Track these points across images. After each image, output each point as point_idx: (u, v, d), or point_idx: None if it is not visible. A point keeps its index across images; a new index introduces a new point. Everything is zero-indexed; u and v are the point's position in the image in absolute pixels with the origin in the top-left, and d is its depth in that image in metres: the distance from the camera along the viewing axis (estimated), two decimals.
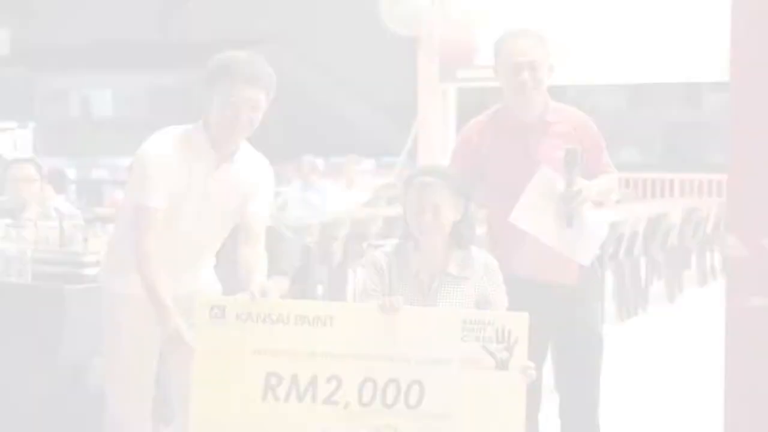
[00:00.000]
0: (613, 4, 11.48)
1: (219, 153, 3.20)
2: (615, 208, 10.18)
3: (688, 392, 5.71)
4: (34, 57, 34.61)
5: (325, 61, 36.01)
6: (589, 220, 3.52)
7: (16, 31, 16.64)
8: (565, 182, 3.44)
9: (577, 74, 11.94)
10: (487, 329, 3.00)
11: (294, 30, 35.82)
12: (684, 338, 7.30)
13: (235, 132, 3.14)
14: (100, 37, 36.44)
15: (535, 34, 3.58)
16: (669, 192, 12.99)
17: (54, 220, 4.53)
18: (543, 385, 3.75)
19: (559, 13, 11.67)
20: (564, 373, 3.75)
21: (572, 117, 3.65)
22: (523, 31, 3.60)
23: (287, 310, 3.01)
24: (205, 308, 3.00)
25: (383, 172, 16.24)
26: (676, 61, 11.25)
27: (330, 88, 36.57)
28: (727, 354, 3.43)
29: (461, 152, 3.67)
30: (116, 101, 36.32)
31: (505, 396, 2.99)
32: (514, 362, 3.00)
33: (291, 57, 35.70)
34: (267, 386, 2.98)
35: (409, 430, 2.96)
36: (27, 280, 4.26)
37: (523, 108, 3.57)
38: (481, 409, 2.98)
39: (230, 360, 2.98)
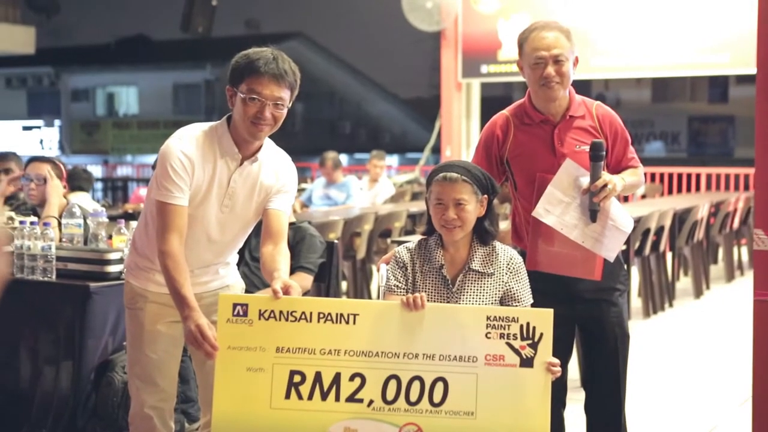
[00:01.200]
0: None
1: (243, 151, 3.19)
2: (641, 203, 10.13)
3: (715, 388, 5.66)
4: (60, 56, 34.89)
5: (349, 57, 36.02)
6: (614, 214, 3.48)
7: (42, 30, 16.70)
8: (590, 176, 3.41)
9: (602, 67, 11.87)
10: (511, 326, 2.98)
11: (318, 26, 35.84)
12: (711, 334, 7.25)
13: (260, 130, 3.13)
14: (125, 35, 36.65)
15: (559, 27, 3.53)
16: (696, 186, 12.90)
17: (78, 218, 4.54)
18: (569, 380, 3.74)
19: (583, 7, 11.61)
20: (590, 369, 3.73)
21: (597, 111, 3.61)
22: (547, 24, 3.54)
23: (310, 307, 3.00)
24: (227, 306, 3.00)
25: (407, 168, 16.22)
26: (702, 53, 11.15)
27: (354, 84, 36.58)
28: (754, 350, 3.39)
29: (485, 147, 3.64)
30: (141, 99, 36.50)
31: (530, 393, 2.97)
32: (539, 359, 2.97)
33: (315, 53, 35.74)
34: (290, 384, 2.97)
35: (433, 428, 2.95)
36: (51, 278, 4.28)
37: (548, 102, 3.54)
38: (505, 406, 2.97)
39: (253, 358, 2.98)
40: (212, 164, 3.16)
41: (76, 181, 6.96)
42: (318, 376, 2.97)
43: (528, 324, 2.99)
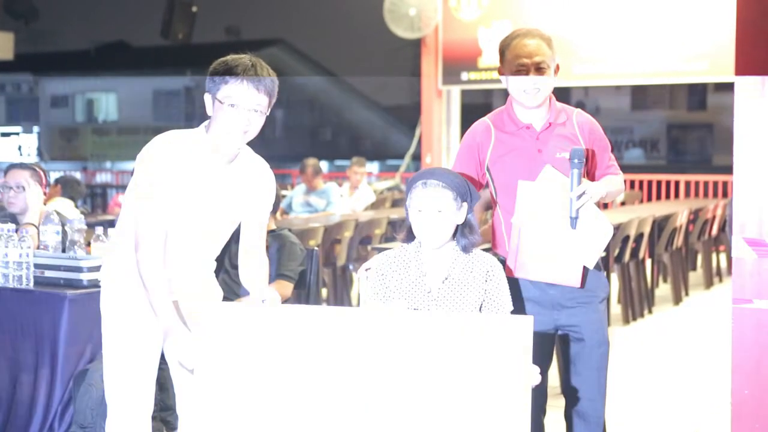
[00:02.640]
0: (619, 5, 11.47)
1: (221, 157, 3.18)
2: (620, 210, 10.17)
3: (694, 393, 5.68)
4: (39, 62, 34.73)
5: (329, 64, 36.02)
6: (594, 221, 3.49)
7: (21, 36, 16.62)
8: (570, 183, 3.42)
9: (583, 75, 11.92)
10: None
11: (298, 33, 35.83)
12: (690, 340, 7.28)
13: (239, 136, 3.11)
14: (105, 41, 36.51)
15: (541, 35, 3.53)
16: (675, 193, 12.97)
17: (56, 224, 4.51)
18: (549, 387, 3.74)
19: (564, 14, 11.67)
20: (570, 376, 3.73)
21: (577, 119, 3.62)
22: (529, 32, 3.54)
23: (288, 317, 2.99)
24: (205, 316, 2.98)
25: (387, 175, 16.23)
26: (681, 61, 11.22)
27: (334, 91, 36.58)
28: (733, 355, 3.40)
29: (465, 154, 3.63)
30: (121, 105, 36.37)
31: (510, 402, 2.96)
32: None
33: (295, 60, 35.74)
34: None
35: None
36: (29, 285, 4.25)
37: (529, 110, 3.55)
38: (486, 414, 2.96)
39: (234, 369, 2.96)
40: (190, 170, 3.14)
41: (66, 188, 6.93)
42: None
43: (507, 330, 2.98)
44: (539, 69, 3.48)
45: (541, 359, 3.30)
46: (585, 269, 3.55)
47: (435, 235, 3.16)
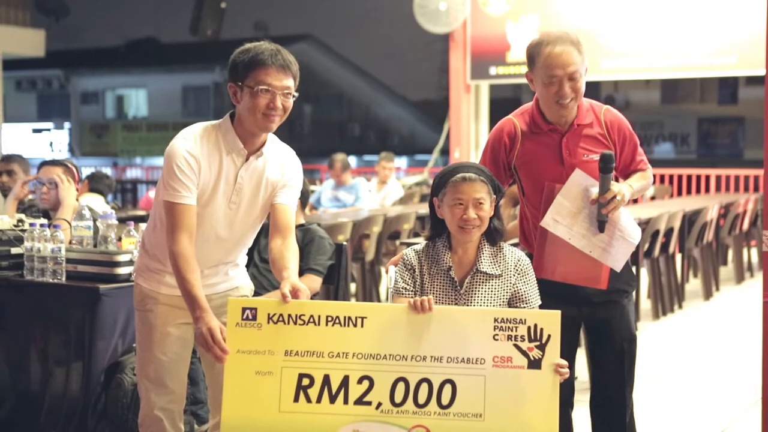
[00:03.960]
0: (647, 0, 11.39)
1: (248, 146, 3.20)
2: (650, 204, 10.11)
3: (725, 389, 5.65)
4: (70, 59, 34.99)
5: (357, 59, 36.04)
6: (623, 225, 3.49)
7: (52, 33, 16.75)
8: (599, 187, 3.39)
9: (612, 69, 11.85)
10: (519, 328, 2.99)
11: (326, 28, 35.86)
12: (720, 336, 7.23)
13: (272, 120, 3.14)
14: (134, 37, 36.72)
15: (571, 40, 3.45)
16: (705, 188, 12.88)
17: (88, 220, 4.55)
18: (577, 382, 3.73)
19: (592, 8, 11.60)
20: (597, 370, 3.72)
21: (605, 117, 3.57)
22: (558, 37, 3.45)
23: (318, 311, 3.01)
24: (237, 310, 3.01)
25: (416, 170, 16.23)
26: (711, 55, 11.13)
27: (363, 86, 36.59)
28: (764, 351, 3.38)
29: (492, 152, 3.61)
30: (151, 101, 36.57)
31: (538, 395, 2.97)
32: (546, 361, 2.98)
33: (324, 55, 35.76)
34: (299, 387, 2.98)
35: (441, 430, 2.95)
36: (61, 280, 4.29)
37: (558, 116, 3.50)
38: (513, 408, 2.97)
39: (262, 361, 2.99)
40: (218, 162, 3.17)
41: (95, 183, 6.99)
42: (326, 379, 2.98)
43: (535, 326, 2.99)
44: (572, 79, 3.41)
45: (568, 353, 3.29)
46: (613, 270, 3.54)
47: (473, 227, 3.17)
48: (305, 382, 2.98)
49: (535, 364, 2.97)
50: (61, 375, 4.25)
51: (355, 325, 2.99)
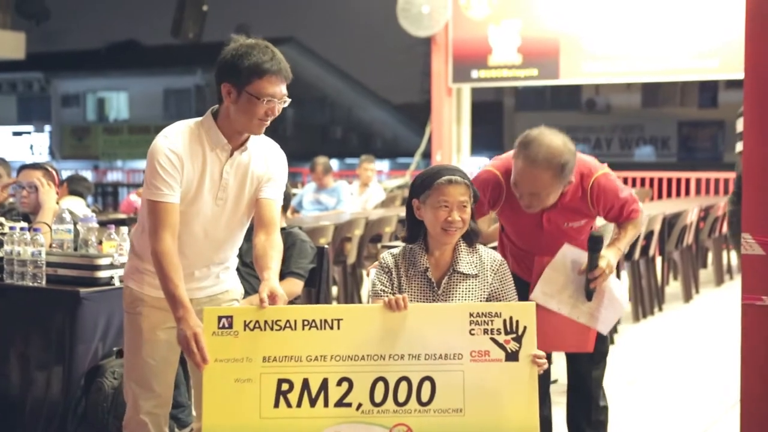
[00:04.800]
0: (629, 2, 11.44)
1: (232, 142, 3.19)
2: None
3: (704, 392, 5.68)
4: (50, 61, 34.83)
5: (340, 63, 36.04)
6: (611, 291, 3.63)
7: (32, 35, 16.68)
8: (588, 263, 3.55)
9: (593, 73, 11.91)
10: (494, 321, 3.01)
11: (309, 31, 35.84)
12: (700, 338, 7.27)
13: (265, 125, 3.15)
14: (116, 40, 36.60)
15: (550, 164, 3.43)
16: (685, 191, 12.94)
17: (68, 223, 4.53)
18: (559, 384, 3.78)
19: (574, 12, 11.65)
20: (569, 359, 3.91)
21: (593, 189, 3.61)
22: (539, 157, 3.43)
23: (294, 315, 3.02)
24: (212, 319, 3.00)
25: (398, 173, 16.24)
26: (692, 59, 11.19)
27: (345, 90, 36.60)
28: (742, 353, 3.41)
29: (480, 187, 3.59)
30: (132, 104, 36.45)
31: (517, 387, 2.99)
32: (524, 352, 3.00)
33: (306, 58, 35.73)
34: (279, 392, 2.98)
35: (423, 428, 2.96)
36: (41, 283, 4.28)
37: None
38: (493, 401, 2.98)
39: (240, 369, 2.98)
40: (201, 158, 3.16)
41: (75, 185, 6.96)
42: (306, 383, 2.98)
43: (511, 318, 3.01)
44: (538, 196, 3.48)
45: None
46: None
47: (457, 229, 3.20)
48: (285, 387, 2.98)
49: (512, 356, 3.00)
50: (42, 379, 4.24)
51: (331, 328, 3.00)
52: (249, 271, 4.92)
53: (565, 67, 11.71)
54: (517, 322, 3.01)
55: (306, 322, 2.99)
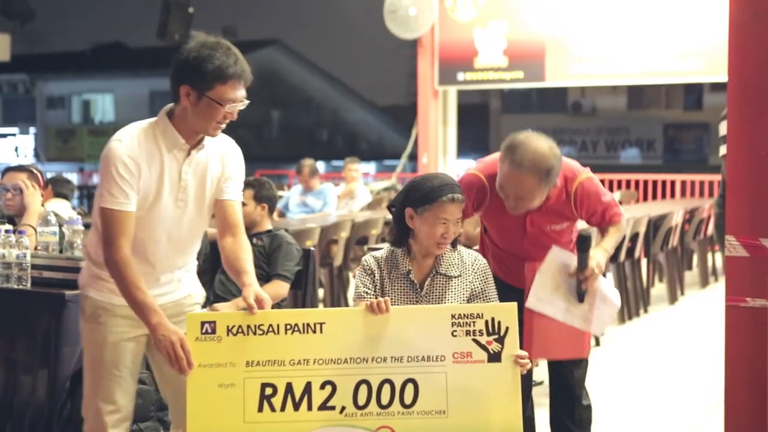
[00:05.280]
0: (615, 5, 11.48)
1: (189, 140, 3.10)
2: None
3: (689, 393, 5.71)
4: (35, 63, 34.70)
5: (326, 65, 36.03)
6: (602, 292, 3.66)
7: (17, 37, 16.62)
8: (578, 264, 3.57)
9: (579, 75, 11.94)
10: (476, 322, 3.02)
11: (295, 33, 35.83)
12: (685, 340, 7.30)
13: (220, 127, 3.08)
14: (101, 42, 36.49)
15: (537, 168, 3.46)
16: (671, 193, 12.99)
17: (53, 225, 4.52)
18: (541, 386, 3.79)
19: (560, 14, 11.68)
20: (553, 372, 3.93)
21: (576, 193, 3.66)
22: (525, 162, 3.46)
23: (277, 319, 3.02)
24: (195, 325, 3.00)
25: (384, 175, 16.24)
26: (677, 61, 11.24)
27: (331, 92, 36.59)
28: (726, 355, 3.43)
29: (464, 189, 3.61)
30: (118, 106, 36.35)
31: (500, 388, 3.01)
32: (506, 353, 3.02)
33: (292, 61, 35.71)
34: (262, 397, 2.98)
35: (406, 430, 2.97)
36: (27, 286, 4.26)
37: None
38: (476, 402, 2.99)
39: (224, 374, 2.98)
40: (159, 161, 3.06)
41: (59, 187, 6.94)
42: (289, 387, 2.99)
43: (493, 319, 3.03)
44: (519, 198, 3.52)
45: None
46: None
47: (448, 242, 3.25)
48: (268, 391, 2.99)
49: (495, 357, 3.01)
50: (27, 382, 4.22)
51: (314, 332, 3.00)
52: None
53: (551, 70, 11.74)
54: (499, 323, 3.02)
55: (289, 326, 3.00)
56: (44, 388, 4.18)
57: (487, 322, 3.02)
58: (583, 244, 3.56)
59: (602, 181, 3.86)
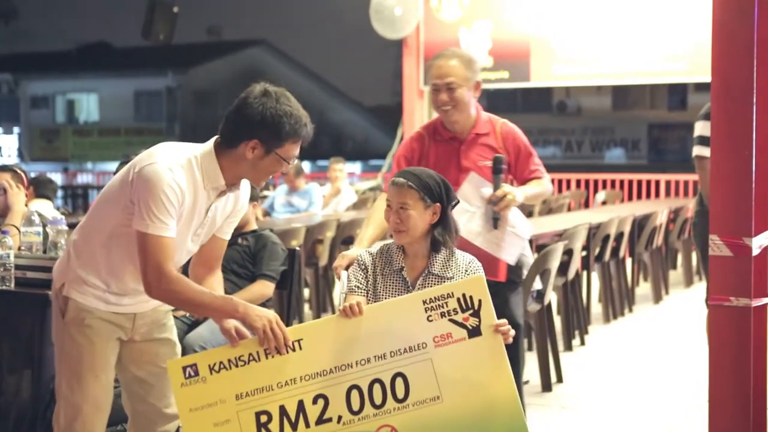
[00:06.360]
0: (599, 5, 11.51)
1: (228, 183, 3.06)
2: (601, 209, 10.22)
3: (673, 392, 5.73)
4: (19, 62, 34.57)
5: (312, 65, 36.00)
6: (514, 222, 3.80)
7: (1, 37, 16.57)
8: (492, 187, 3.77)
9: (563, 76, 11.96)
10: (449, 302, 3.03)
11: (280, 33, 35.77)
12: (670, 339, 7.33)
13: (268, 178, 3.11)
14: (86, 41, 36.36)
15: (459, 55, 3.90)
16: (656, 192, 13.03)
17: (37, 226, 4.50)
18: (530, 385, 3.79)
19: (545, 15, 11.70)
20: None
21: (501, 129, 3.99)
22: (447, 54, 3.91)
23: (255, 347, 2.99)
24: (177, 371, 2.99)
25: (370, 175, 16.24)
26: (662, 61, 11.28)
27: (317, 92, 36.57)
28: (710, 354, 3.44)
29: (404, 160, 4.02)
30: (102, 106, 36.22)
31: (487, 360, 3.02)
32: (485, 325, 3.03)
33: (277, 60, 35.66)
34: (259, 426, 2.97)
35: (406, 423, 2.97)
36: (10, 286, 4.25)
37: (450, 124, 3.94)
38: (467, 381, 3.00)
39: (217, 412, 2.97)
40: (194, 195, 2.99)
41: (41, 188, 6.91)
42: (283, 410, 2.98)
43: (464, 295, 3.04)
44: (450, 89, 3.87)
45: None
46: (508, 264, 3.92)
47: (400, 231, 3.25)
48: (263, 419, 2.97)
49: (474, 332, 3.02)
50: (11, 383, 4.21)
51: (293, 350, 2.99)
52: (236, 277, 4.90)
53: (536, 70, 11.75)
54: (470, 297, 3.03)
55: (268, 351, 2.98)
56: (28, 388, 4.17)
57: (458, 299, 3.02)
58: (496, 165, 3.77)
59: (587, 182, 4.01)
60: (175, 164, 2.95)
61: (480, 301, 3.03)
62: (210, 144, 3.05)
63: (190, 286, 2.97)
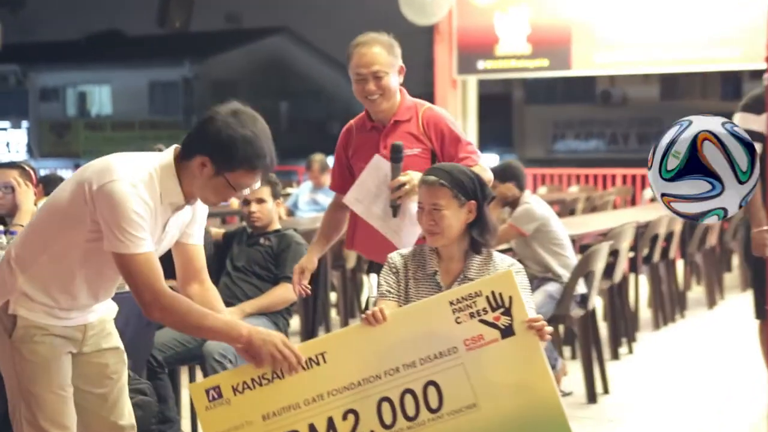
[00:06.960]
0: None
1: (186, 200, 3.06)
2: (649, 207, 10.13)
3: (730, 404, 5.68)
4: (27, 53, 34.84)
5: (337, 53, 36.03)
6: (413, 212, 3.74)
7: (7, 25, 16.71)
8: (391, 175, 3.84)
9: (606, 64, 11.89)
10: (477, 302, 2.97)
11: (303, 20, 35.86)
12: (725, 346, 7.27)
13: (220, 202, 3.12)
14: (97, 30, 36.58)
15: (380, 41, 3.96)
16: None
17: None
18: (574, 396, 3.75)
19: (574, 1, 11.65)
20: None
21: (423, 114, 4.02)
22: (367, 40, 3.97)
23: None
24: (200, 394, 2.99)
25: None
26: (712, 48, 11.18)
27: (343, 82, 36.62)
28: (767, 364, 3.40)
29: (337, 154, 4.16)
30: (115, 98, 36.45)
31: (523, 360, 2.95)
32: (517, 323, 2.96)
33: (300, 49, 35.74)
34: None
35: None
36: None
37: (375, 114, 4.01)
38: (504, 384, 2.95)
39: None
40: (155, 210, 3.00)
41: (51, 186, 6.95)
42: (312, 429, 2.97)
43: (493, 293, 2.98)
44: (377, 77, 3.92)
45: None
46: None
47: (434, 234, 3.23)
48: None
49: (507, 331, 2.96)
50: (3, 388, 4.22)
51: (318, 364, 2.97)
52: (240, 276, 4.92)
53: (578, 57, 11.69)
54: (500, 294, 2.97)
55: (282, 372, 2.97)
56: None
57: (488, 297, 2.97)
58: (393, 154, 3.82)
59: (633, 177, 3.91)
60: (138, 180, 2.94)
61: (511, 297, 2.96)
62: (170, 155, 3.04)
63: (190, 305, 2.97)
